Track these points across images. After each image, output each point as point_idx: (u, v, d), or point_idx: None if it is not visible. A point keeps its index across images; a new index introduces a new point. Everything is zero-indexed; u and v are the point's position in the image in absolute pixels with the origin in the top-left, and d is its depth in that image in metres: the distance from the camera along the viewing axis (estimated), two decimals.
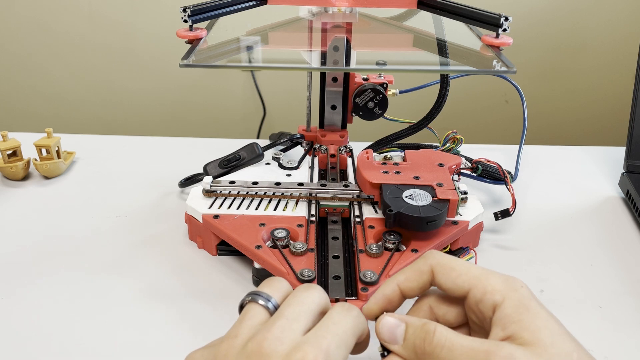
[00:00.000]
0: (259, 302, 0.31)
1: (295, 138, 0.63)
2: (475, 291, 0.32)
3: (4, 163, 0.62)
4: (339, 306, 0.31)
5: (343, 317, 0.30)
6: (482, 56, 0.51)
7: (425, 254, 0.35)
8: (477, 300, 0.31)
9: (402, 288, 0.34)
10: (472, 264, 0.34)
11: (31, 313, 0.44)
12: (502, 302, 0.30)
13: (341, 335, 0.29)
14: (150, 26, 1.29)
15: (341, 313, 0.30)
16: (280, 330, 0.28)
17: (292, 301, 0.30)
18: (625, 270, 0.51)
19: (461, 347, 0.29)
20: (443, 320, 0.34)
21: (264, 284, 0.33)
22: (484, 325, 0.32)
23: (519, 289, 0.31)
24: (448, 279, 0.33)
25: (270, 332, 0.28)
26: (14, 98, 1.40)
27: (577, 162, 0.72)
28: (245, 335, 0.29)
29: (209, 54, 0.50)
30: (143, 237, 0.54)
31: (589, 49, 1.32)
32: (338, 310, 0.30)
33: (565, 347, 0.29)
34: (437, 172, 0.51)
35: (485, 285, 0.31)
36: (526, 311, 0.30)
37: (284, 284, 0.33)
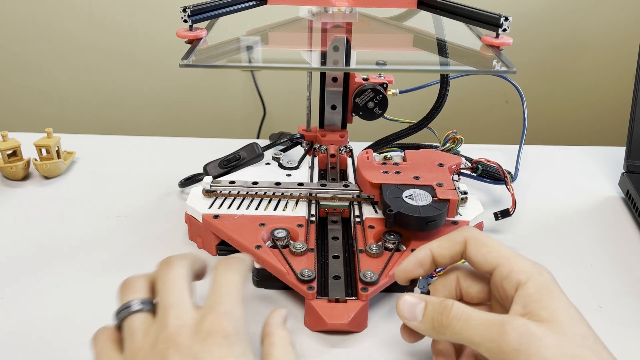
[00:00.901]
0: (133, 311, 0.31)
1: (295, 138, 0.63)
2: (502, 268, 0.33)
3: (4, 163, 0.62)
4: (220, 267, 0.33)
5: (228, 275, 0.32)
6: (482, 56, 0.51)
7: (461, 227, 0.36)
8: (502, 277, 0.32)
9: (434, 254, 0.36)
10: (504, 244, 0.35)
11: (31, 313, 0.44)
12: (526, 281, 0.32)
13: (234, 292, 0.31)
14: (150, 26, 1.29)
15: (224, 272, 0.32)
16: (177, 320, 0.29)
17: (166, 285, 0.31)
18: (625, 270, 0.51)
19: (477, 319, 0.31)
20: (466, 293, 0.36)
21: (122, 293, 0.33)
22: (505, 304, 0.33)
23: (544, 274, 0.33)
24: (478, 253, 0.34)
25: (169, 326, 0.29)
26: (14, 98, 1.40)
27: (577, 162, 0.72)
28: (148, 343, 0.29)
29: (209, 54, 0.50)
30: (143, 237, 0.54)
31: (589, 49, 1.32)
32: (221, 271, 0.32)
33: (581, 330, 0.30)
34: (437, 172, 0.51)
35: (512, 264, 0.33)
36: (548, 293, 0.31)
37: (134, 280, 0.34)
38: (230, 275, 0.32)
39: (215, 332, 0.29)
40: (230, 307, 0.30)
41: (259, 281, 0.47)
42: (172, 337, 0.28)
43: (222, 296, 0.31)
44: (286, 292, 0.47)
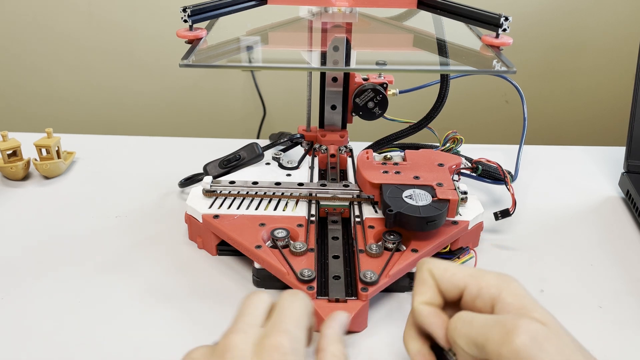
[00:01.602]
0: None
1: (295, 138, 0.63)
2: (471, 288, 0.33)
3: (4, 163, 0.62)
4: (286, 294, 0.33)
5: (292, 302, 0.32)
6: (482, 56, 0.51)
7: (417, 265, 0.36)
8: (473, 296, 0.32)
9: (432, 303, 0.34)
10: (464, 266, 0.35)
11: (31, 313, 0.44)
12: (499, 294, 0.31)
13: (295, 316, 0.31)
14: (150, 26, 1.29)
15: (289, 299, 0.32)
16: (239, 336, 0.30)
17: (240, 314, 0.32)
18: (625, 270, 0.51)
19: (480, 319, 0.31)
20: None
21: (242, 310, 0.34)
22: None
23: (512, 282, 0.32)
24: (444, 279, 0.34)
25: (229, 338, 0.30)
26: (14, 98, 1.40)
27: (577, 162, 0.72)
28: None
29: (209, 54, 0.50)
30: (143, 237, 0.54)
31: (588, 49, 1.32)
32: (286, 298, 0.33)
33: (568, 333, 0.30)
34: (437, 172, 0.51)
35: (479, 281, 0.33)
36: (524, 298, 0.31)
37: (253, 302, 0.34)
38: (296, 302, 0.32)
39: (274, 349, 0.28)
40: (291, 326, 0.30)
41: (259, 281, 0.47)
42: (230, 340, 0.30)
43: (285, 317, 0.31)
44: None
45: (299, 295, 0.33)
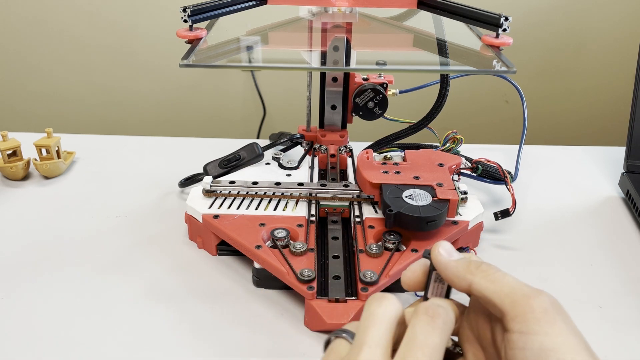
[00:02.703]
0: (343, 336, 0.29)
1: (295, 138, 0.63)
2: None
3: (4, 163, 0.62)
4: (422, 321, 0.28)
5: (429, 335, 0.28)
6: (482, 56, 0.51)
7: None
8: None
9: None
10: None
11: (31, 313, 0.44)
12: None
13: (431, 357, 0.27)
14: (150, 26, 1.29)
15: (425, 330, 0.28)
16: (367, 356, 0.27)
17: (369, 321, 0.28)
18: (625, 270, 0.51)
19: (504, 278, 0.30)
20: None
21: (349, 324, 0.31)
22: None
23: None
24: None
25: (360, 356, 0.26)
26: (14, 98, 1.40)
27: (577, 162, 0.72)
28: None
29: (209, 54, 0.50)
30: (143, 237, 0.54)
31: (588, 49, 1.32)
32: (422, 327, 0.28)
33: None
34: (437, 172, 0.51)
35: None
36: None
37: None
38: (432, 335, 0.28)
39: None
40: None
41: (259, 281, 0.47)
42: None
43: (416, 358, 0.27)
44: (286, 292, 0.47)
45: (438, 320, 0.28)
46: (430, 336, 0.27)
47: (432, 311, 0.29)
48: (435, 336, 0.28)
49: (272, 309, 0.45)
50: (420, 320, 0.28)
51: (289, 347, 0.42)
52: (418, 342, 0.27)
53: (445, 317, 0.29)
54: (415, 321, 0.28)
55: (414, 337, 0.27)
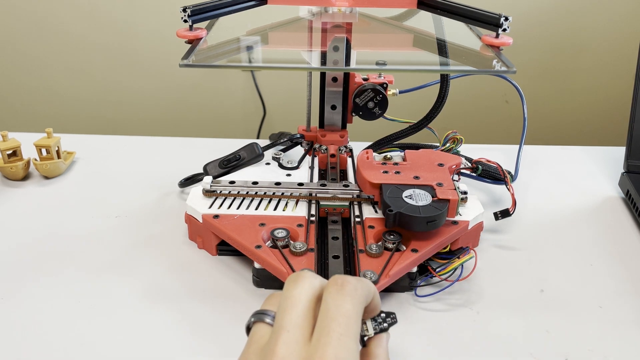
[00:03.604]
0: (265, 321, 0.29)
1: (295, 138, 0.63)
2: None
3: (4, 163, 0.62)
4: (332, 292, 0.28)
5: (340, 305, 0.28)
6: (482, 56, 0.51)
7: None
8: None
9: None
10: None
11: (31, 313, 0.44)
12: None
13: (346, 332, 0.27)
14: (150, 26, 1.29)
15: (336, 299, 0.28)
16: (285, 348, 0.26)
17: (286, 304, 0.28)
18: (625, 270, 0.51)
19: None
20: None
21: (267, 300, 0.31)
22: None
23: None
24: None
25: (276, 353, 0.26)
26: (14, 98, 1.40)
27: (577, 162, 0.72)
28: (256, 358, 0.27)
29: (209, 54, 0.50)
30: (143, 237, 0.54)
31: (588, 49, 1.32)
32: (332, 297, 0.28)
33: None
34: (437, 172, 0.51)
35: None
36: None
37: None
38: (344, 303, 0.28)
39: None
40: (341, 352, 0.26)
41: (259, 281, 0.47)
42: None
43: (332, 337, 0.26)
44: None
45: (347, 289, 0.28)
46: (342, 305, 0.27)
47: (340, 280, 0.29)
48: (346, 303, 0.28)
49: None
50: (330, 292, 0.28)
51: None
52: (331, 314, 0.27)
53: (355, 283, 0.29)
54: (326, 294, 0.28)
55: (327, 309, 0.28)
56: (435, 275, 0.47)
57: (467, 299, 0.47)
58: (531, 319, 0.45)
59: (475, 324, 0.44)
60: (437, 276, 0.47)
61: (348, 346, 0.26)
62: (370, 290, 0.30)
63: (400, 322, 0.44)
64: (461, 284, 0.48)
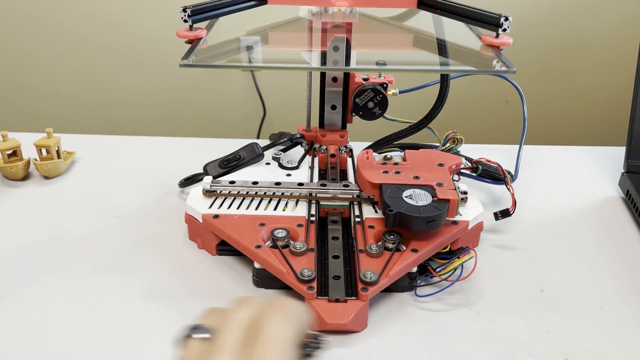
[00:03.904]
0: (202, 336, 0.29)
1: (295, 138, 0.63)
2: None
3: (4, 163, 0.62)
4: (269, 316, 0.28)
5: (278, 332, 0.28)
6: (482, 56, 0.51)
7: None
8: None
9: None
10: None
11: (31, 313, 0.44)
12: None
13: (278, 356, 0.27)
14: (150, 26, 1.29)
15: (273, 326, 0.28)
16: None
17: (232, 325, 0.28)
18: (625, 270, 0.51)
19: None
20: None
21: (207, 316, 0.31)
22: None
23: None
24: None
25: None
26: (14, 98, 1.40)
27: (577, 162, 0.72)
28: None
29: (209, 54, 0.50)
30: (143, 237, 0.54)
31: (588, 49, 1.32)
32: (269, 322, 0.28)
33: None
34: (437, 172, 0.51)
35: None
36: None
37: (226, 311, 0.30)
38: (282, 329, 0.28)
39: None
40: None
41: (259, 281, 0.47)
42: None
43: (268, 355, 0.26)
44: (286, 292, 0.47)
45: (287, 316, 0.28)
46: (278, 329, 0.27)
47: (278, 303, 0.29)
48: (283, 328, 0.28)
49: None
50: (268, 317, 0.28)
51: None
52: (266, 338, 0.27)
53: (293, 309, 0.29)
54: (264, 318, 0.28)
55: (263, 334, 0.27)
56: (435, 275, 0.47)
57: (467, 299, 0.47)
58: (531, 319, 0.45)
59: (475, 324, 0.44)
60: (437, 276, 0.47)
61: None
62: (307, 317, 0.30)
63: (400, 322, 0.44)
64: (461, 284, 0.48)
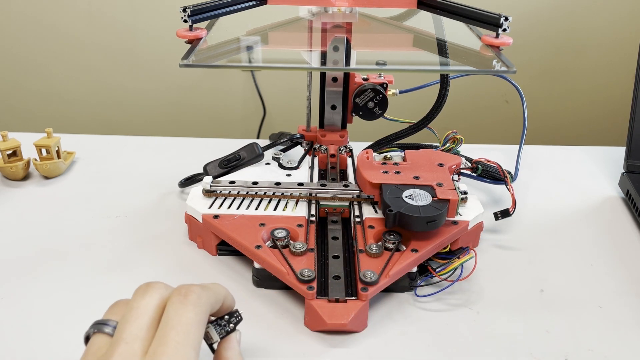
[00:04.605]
0: (105, 331, 0.29)
1: (295, 138, 0.63)
2: None
3: (4, 163, 0.62)
4: (175, 302, 0.28)
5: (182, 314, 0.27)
6: (482, 56, 0.51)
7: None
8: None
9: None
10: None
11: (31, 313, 0.44)
12: None
13: (184, 340, 0.26)
14: (150, 26, 1.29)
15: (177, 308, 0.28)
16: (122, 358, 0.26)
17: (130, 315, 0.28)
18: (625, 270, 0.51)
19: None
20: None
21: (111, 309, 0.30)
22: None
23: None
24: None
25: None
26: (14, 98, 1.40)
27: (577, 162, 0.72)
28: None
29: (209, 54, 0.50)
30: (143, 237, 0.54)
31: (589, 49, 1.32)
32: (174, 306, 0.28)
33: None
34: (437, 172, 0.51)
35: None
36: None
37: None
38: (185, 312, 0.27)
39: None
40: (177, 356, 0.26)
41: (259, 281, 0.47)
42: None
43: (169, 341, 0.26)
44: (286, 292, 0.47)
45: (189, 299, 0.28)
46: (183, 314, 0.27)
47: (184, 289, 0.29)
48: (188, 312, 0.27)
49: (272, 309, 0.45)
50: (173, 302, 0.28)
51: (289, 347, 0.42)
52: (170, 323, 0.27)
53: (199, 292, 0.29)
54: (169, 304, 0.28)
55: (167, 318, 0.27)
56: (435, 275, 0.47)
57: (467, 299, 0.47)
58: (531, 319, 0.45)
59: (475, 324, 0.44)
60: (437, 276, 0.47)
61: (185, 355, 0.26)
62: (218, 297, 0.30)
63: (400, 322, 0.44)
64: (461, 284, 0.48)
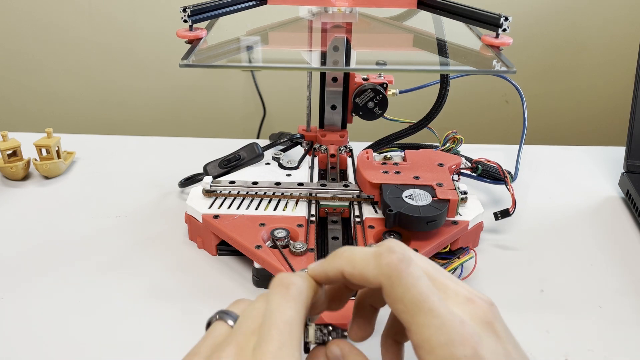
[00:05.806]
0: (227, 321, 0.29)
1: (295, 138, 0.63)
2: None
3: (4, 163, 0.62)
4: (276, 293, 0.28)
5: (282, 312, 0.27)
6: (482, 56, 0.51)
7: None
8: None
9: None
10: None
11: (31, 312, 0.44)
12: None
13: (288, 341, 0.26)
14: (150, 26, 1.29)
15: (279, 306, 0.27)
16: (236, 349, 0.26)
17: (250, 312, 0.28)
18: (625, 270, 0.51)
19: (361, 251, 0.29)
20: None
21: (234, 303, 0.31)
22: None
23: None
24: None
25: (225, 352, 0.26)
26: (14, 98, 1.40)
27: (577, 162, 0.72)
28: (205, 353, 0.27)
29: (209, 54, 0.50)
30: (143, 237, 0.54)
31: (588, 48, 1.32)
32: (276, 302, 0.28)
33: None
34: (437, 172, 0.51)
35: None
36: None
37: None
38: (286, 310, 0.27)
39: None
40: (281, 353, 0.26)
41: (259, 281, 0.47)
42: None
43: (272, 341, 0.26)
44: None
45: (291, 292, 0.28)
46: (285, 311, 0.27)
47: (286, 280, 0.28)
48: (289, 309, 0.27)
49: None
50: (275, 293, 0.28)
51: None
52: (273, 318, 0.27)
53: (301, 285, 0.28)
54: (271, 293, 0.28)
55: (270, 312, 0.27)
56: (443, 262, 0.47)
57: None
58: (531, 319, 0.45)
59: None
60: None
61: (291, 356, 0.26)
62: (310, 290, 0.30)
63: None
64: None
